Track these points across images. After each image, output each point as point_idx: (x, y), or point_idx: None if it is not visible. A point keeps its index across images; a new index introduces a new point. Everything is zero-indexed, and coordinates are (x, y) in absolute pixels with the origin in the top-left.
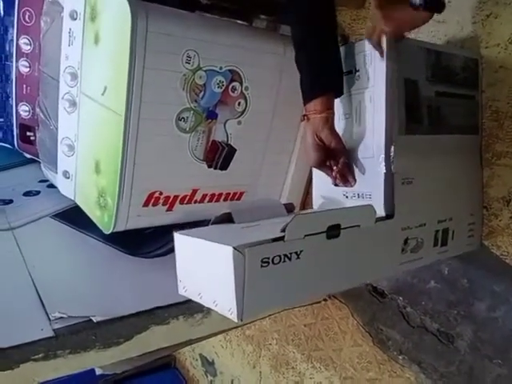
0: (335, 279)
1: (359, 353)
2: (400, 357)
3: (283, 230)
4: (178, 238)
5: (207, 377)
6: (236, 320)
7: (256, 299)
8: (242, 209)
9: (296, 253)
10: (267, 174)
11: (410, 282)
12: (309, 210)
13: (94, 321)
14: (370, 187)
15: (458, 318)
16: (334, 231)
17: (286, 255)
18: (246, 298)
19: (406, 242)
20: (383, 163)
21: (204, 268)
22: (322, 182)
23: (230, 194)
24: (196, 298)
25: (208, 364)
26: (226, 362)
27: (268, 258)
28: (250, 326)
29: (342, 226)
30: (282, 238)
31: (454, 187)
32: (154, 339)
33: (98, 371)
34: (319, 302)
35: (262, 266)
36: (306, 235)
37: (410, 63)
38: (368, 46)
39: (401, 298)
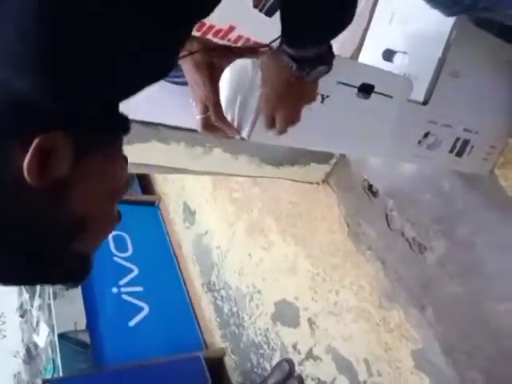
0: (345, 139)
1: (331, 239)
2: (368, 252)
3: None
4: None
5: (185, 223)
6: (245, 136)
7: None
8: None
9: (322, 96)
10: None
11: (407, 189)
12: None
13: None
14: (419, 69)
15: (438, 233)
16: (366, 91)
17: None
18: (260, 119)
19: (426, 135)
20: (443, 47)
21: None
22: (371, 53)
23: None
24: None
25: (189, 213)
26: (206, 216)
27: None
28: (238, 190)
29: (376, 90)
30: None
31: (494, 103)
32: (152, 153)
33: None
34: (312, 184)
35: None
36: (338, 82)
37: None
38: None
39: (391, 202)
